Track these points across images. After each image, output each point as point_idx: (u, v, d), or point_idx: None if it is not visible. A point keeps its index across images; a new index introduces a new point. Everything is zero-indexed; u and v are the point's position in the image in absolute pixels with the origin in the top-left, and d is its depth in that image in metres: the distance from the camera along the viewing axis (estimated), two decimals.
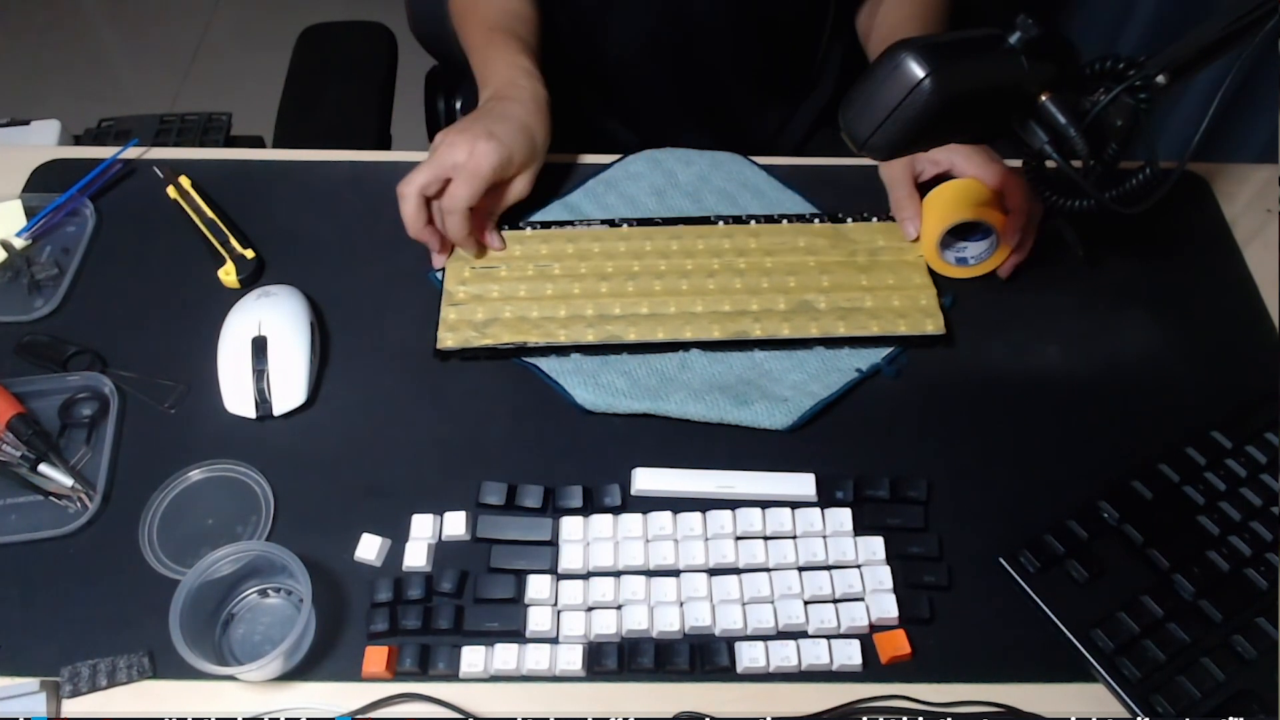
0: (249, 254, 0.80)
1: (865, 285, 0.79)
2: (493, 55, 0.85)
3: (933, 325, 0.77)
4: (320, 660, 0.63)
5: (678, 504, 0.68)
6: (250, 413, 0.73)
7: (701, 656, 0.63)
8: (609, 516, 0.67)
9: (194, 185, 0.85)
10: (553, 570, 0.66)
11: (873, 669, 0.63)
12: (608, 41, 0.94)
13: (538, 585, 0.64)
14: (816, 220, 0.84)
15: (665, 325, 0.77)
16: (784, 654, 0.62)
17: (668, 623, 0.63)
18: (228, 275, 0.80)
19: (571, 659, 0.62)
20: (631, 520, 0.67)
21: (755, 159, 0.90)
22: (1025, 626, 0.64)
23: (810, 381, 0.75)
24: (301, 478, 0.70)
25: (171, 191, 0.84)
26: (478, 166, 0.76)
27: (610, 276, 0.80)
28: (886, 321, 0.77)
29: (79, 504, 0.69)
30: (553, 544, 0.67)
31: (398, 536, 0.67)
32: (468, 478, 0.70)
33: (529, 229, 0.84)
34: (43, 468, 0.70)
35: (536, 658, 0.62)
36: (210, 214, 0.83)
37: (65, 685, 0.61)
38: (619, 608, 0.64)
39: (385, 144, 1.06)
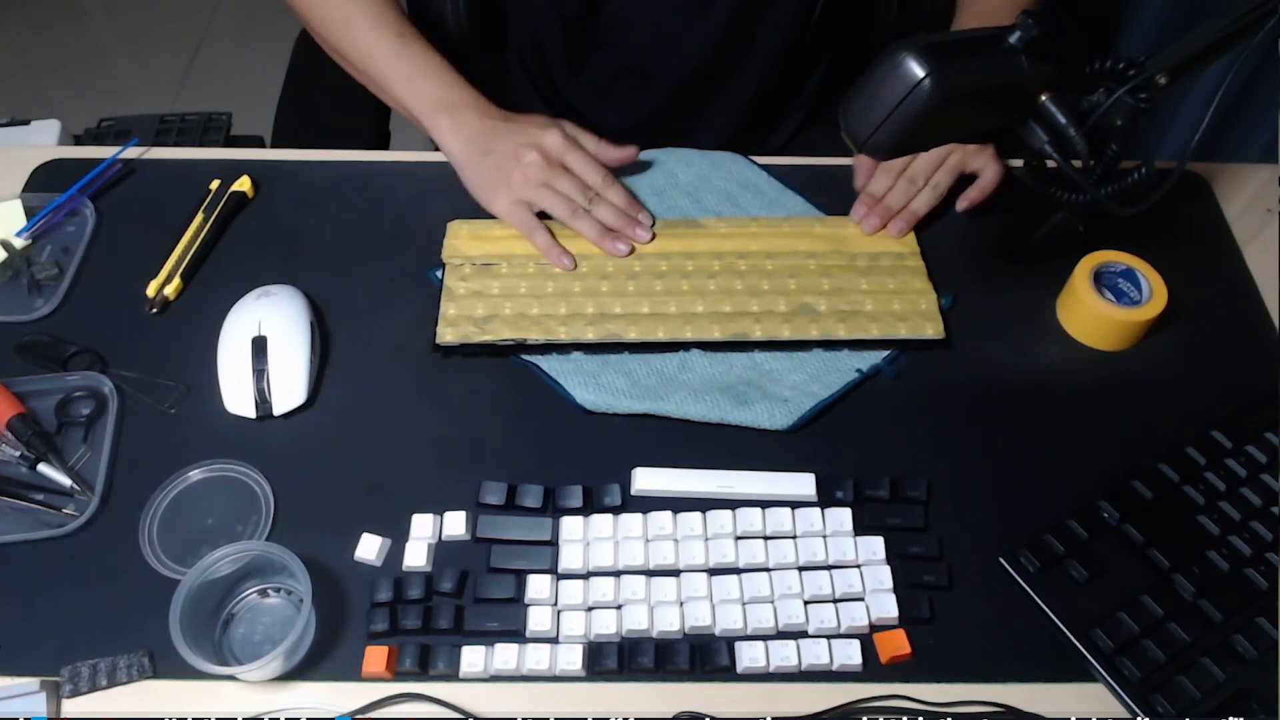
0: (170, 290, 0.79)
1: (865, 289, 0.79)
2: (419, 70, 0.83)
3: (933, 330, 0.77)
4: (320, 660, 0.63)
5: (678, 504, 0.68)
6: (250, 413, 0.73)
7: (701, 656, 0.63)
8: (609, 516, 0.67)
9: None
10: (553, 570, 0.66)
11: (873, 669, 0.63)
12: (620, 36, 0.93)
13: (538, 585, 0.64)
14: (817, 225, 0.84)
15: (666, 325, 0.77)
16: (784, 654, 0.62)
17: (668, 622, 0.63)
18: (155, 283, 0.80)
19: (571, 659, 0.62)
20: (631, 520, 0.67)
21: (755, 159, 0.90)
22: (1025, 626, 0.64)
23: (810, 382, 0.75)
24: (301, 478, 0.70)
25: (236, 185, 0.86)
26: (573, 139, 0.81)
27: (611, 275, 0.80)
28: (886, 325, 0.77)
29: (78, 504, 0.69)
30: (553, 544, 0.67)
31: (398, 536, 0.67)
32: (468, 478, 0.70)
33: None
34: (41, 467, 0.70)
35: (536, 657, 0.62)
36: (203, 234, 0.82)
37: (65, 685, 0.61)
38: (619, 607, 0.64)
39: (384, 143, 1.06)
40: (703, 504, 0.68)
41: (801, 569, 0.66)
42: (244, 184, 0.86)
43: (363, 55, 0.84)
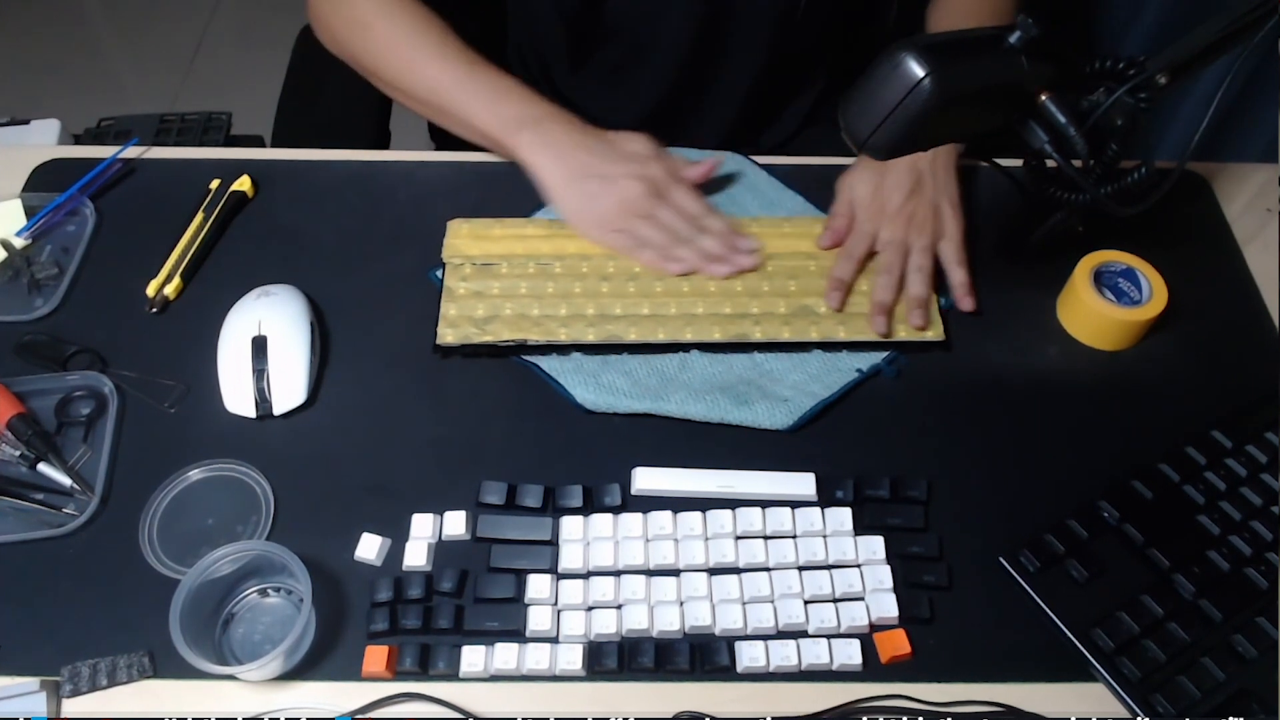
0: (170, 289, 0.79)
1: (865, 290, 0.79)
2: (495, 93, 0.82)
3: (932, 332, 0.77)
4: (320, 660, 0.63)
5: (678, 504, 0.68)
6: (250, 412, 0.73)
7: (701, 656, 0.63)
8: (609, 516, 0.67)
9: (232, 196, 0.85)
10: (553, 570, 0.66)
11: (873, 669, 0.63)
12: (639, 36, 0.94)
13: (538, 585, 0.64)
14: (818, 226, 0.84)
15: (666, 326, 0.77)
16: (784, 653, 0.62)
17: (668, 622, 0.63)
18: (155, 282, 0.80)
19: (571, 658, 0.62)
20: (631, 520, 0.67)
21: (755, 159, 0.90)
22: (1025, 626, 0.64)
23: (811, 381, 0.75)
24: (301, 477, 0.70)
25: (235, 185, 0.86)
26: (673, 167, 0.79)
27: (612, 276, 0.80)
28: None
29: (78, 504, 0.69)
30: (553, 544, 0.67)
31: (398, 536, 0.67)
32: (468, 477, 0.70)
33: (531, 226, 0.83)
34: (41, 467, 0.70)
35: (536, 657, 0.62)
36: (203, 234, 0.82)
37: (65, 685, 0.61)
38: (619, 607, 0.64)
39: (384, 143, 1.06)
40: (703, 504, 0.68)
41: (801, 569, 0.66)
42: (244, 184, 0.86)
43: (433, 89, 0.83)
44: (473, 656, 0.62)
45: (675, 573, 0.66)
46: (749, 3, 0.88)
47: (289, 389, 0.73)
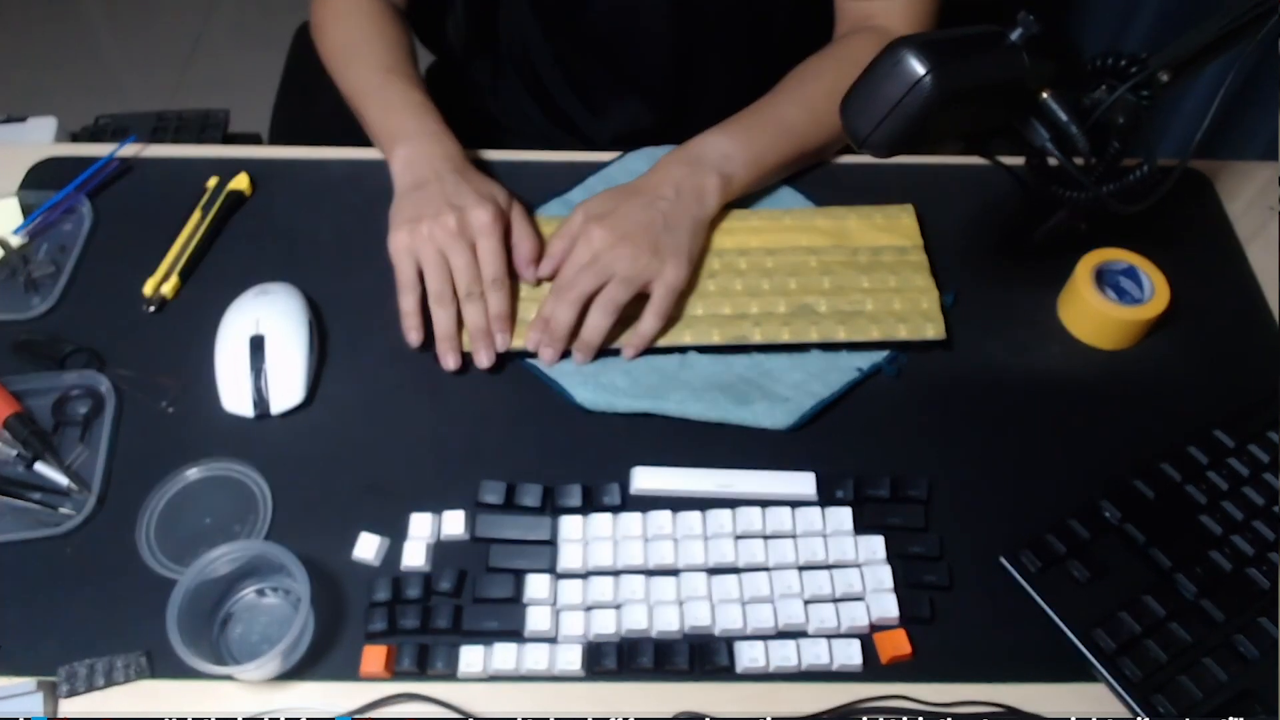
0: (167, 288, 0.79)
1: (866, 287, 0.78)
2: (394, 104, 0.82)
3: (933, 330, 0.76)
4: (318, 660, 0.63)
5: (677, 503, 0.68)
6: (248, 412, 0.72)
7: (701, 656, 0.63)
8: (608, 516, 0.67)
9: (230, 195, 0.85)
10: (552, 570, 0.65)
11: (873, 669, 0.63)
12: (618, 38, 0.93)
13: (536, 585, 0.64)
14: (819, 218, 0.83)
15: (664, 328, 0.76)
16: (784, 654, 0.62)
17: (667, 622, 0.63)
18: (153, 281, 0.79)
19: (570, 659, 0.62)
20: (631, 519, 0.67)
21: None
22: (1026, 626, 0.64)
23: (811, 381, 0.74)
24: (299, 477, 0.70)
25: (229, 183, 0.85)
26: (493, 227, 0.74)
27: None
28: (887, 326, 0.76)
29: (75, 503, 0.69)
30: (552, 543, 0.67)
31: (396, 536, 0.67)
32: (467, 477, 0.69)
33: None
34: (38, 466, 0.70)
35: (535, 657, 0.62)
36: (200, 232, 0.82)
37: (62, 685, 0.61)
38: (618, 607, 0.64)
39: None
40: (702, 503, 0.68)
41: (801, 569, 0.65)
42: (241, 182, 0.86)
43: (352, 90, 0.85)
44: (471, 657, 0.62)
45: (674, 573, 0.65)
46: (721, 19, 0.88)
47: (287, 388, 0.73)
